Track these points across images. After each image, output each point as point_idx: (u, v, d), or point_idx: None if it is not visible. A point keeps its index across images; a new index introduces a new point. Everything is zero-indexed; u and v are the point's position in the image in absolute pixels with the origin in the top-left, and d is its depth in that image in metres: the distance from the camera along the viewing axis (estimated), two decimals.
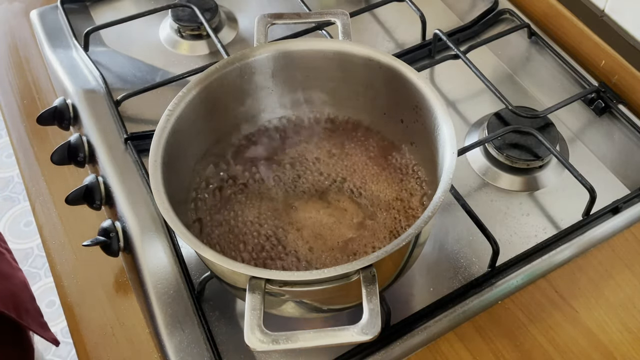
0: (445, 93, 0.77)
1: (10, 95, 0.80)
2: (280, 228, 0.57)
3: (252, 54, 0.58)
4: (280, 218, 0.58)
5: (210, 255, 0.45)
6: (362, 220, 0.58)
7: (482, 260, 0.62)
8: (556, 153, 0.66)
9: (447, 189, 0.48)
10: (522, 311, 0.59)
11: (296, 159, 0.62)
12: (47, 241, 0.67)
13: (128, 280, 0.63)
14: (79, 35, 0.81)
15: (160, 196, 0.48)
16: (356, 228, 0.57)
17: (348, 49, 0.58)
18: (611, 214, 0.64)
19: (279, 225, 0.58)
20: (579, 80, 0.75)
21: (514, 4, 0.83)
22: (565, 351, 0.56)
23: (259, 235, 0.57)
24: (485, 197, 0.67)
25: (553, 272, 0.61)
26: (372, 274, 0.44)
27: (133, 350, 0.58)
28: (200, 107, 0.56)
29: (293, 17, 0.61)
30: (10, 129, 0.77)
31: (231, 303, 0.60)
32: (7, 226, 1.75)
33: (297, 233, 0.57)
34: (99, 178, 0.66)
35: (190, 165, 0.58)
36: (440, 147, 0.52)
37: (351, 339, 0.42)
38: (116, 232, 0.62)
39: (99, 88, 0.75)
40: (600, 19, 0.76)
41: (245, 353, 0.57)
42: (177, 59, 0.82)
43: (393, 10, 0.85)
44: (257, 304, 0.43)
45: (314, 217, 0.58)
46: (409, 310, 0.58)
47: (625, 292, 0.60)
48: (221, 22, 0.85)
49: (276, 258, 0.55)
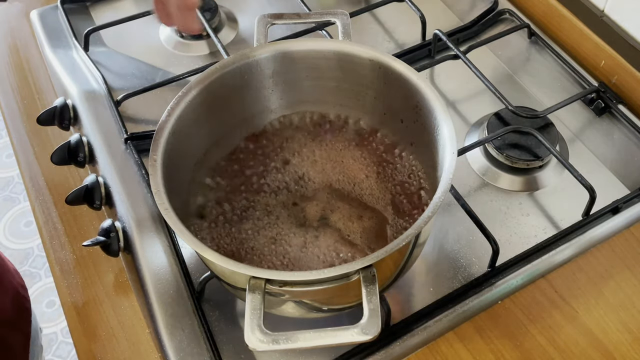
0: (445, 93, 0.77)
1: (11, 95, 0.80)
2: (281, 228, 0.57)
3: (252, 54, 0.58)
4: (281, 218, 0.58)
5: (210, 255, 0.45)
6: (361, 219, 0.58)
7: (482, 260, 0.62)
8: (556, 153, 0.66)
9: (447, 189, 0.48)
10: (522, 311, 0.59)
11: (296, 159, 0.62)
12: (47, 241, 0.67)
13: (128, 280, 0.63)
14: (79, 36, 0.81)
15: (160, 196, 0.48)
16: (356, 227, 0.57)
17: (348, 49, 0.58)
18: (611, 214, 0.64)
19: (279, 225, 0.58)
20: (579, 80, 0.75)
21: (514, 4, 0.83)
22: (565, 351, 0.56)
23: (259, 235, 0.57)
24: (485, 197, 0.67)
25: (553, 272, 0.61)
26: (372, 274, 0.44)
27: (133, 350, 0.58)
28: (200, 107, 0.56)
29: (293, 17, 0.61)
30: (10, 129, 0.77)
31: (231, 303, 0.60)
32: (7, 226, 1.75)
33: (298, 233, 0.57)
34: (99, 178, 0.66)
35: (190, 165, 0.58)
36: (440, 147, 0.52)
37: (351, 339, 0.42)
38: (116, 232, 0.62)
39: (99, 88, 0.75)
40: (600, 19, 0.76)
41: (245, 353, 0.57)
42: (177, 59, 0.82)
43: (393, 10, 0.85)
44: (257, 304, 0.43)
45: (314, 217, 0.58)
46: (409, 310, 0.58)
47: (625, 292, 0.60)
48: (221, 22, 0.85)
49: (273, 255, 0.56)
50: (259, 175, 0.61)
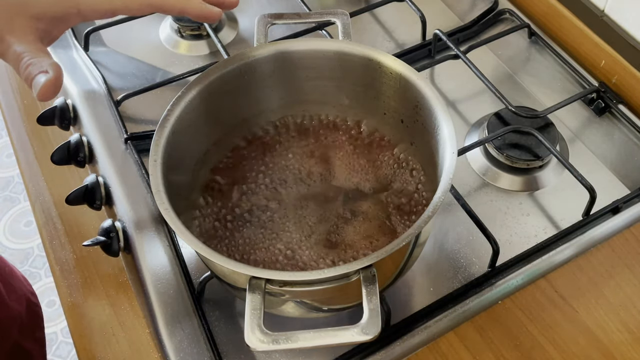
0: (445, 93, 0.77)
1: (11, 95, 0.80)
2: (281, 228, 0.57)
3: (252, 54, 0.58)
4: (281, 218, 0.58)
5: (210, 255, 0.45)
6: (361, 219, 0.58)
7: (482, 260, 0.62)
8: (556, 153, 0.66)
9: (447, 189, 0.48)
10: (522, 311, 0.59)
11: (296, 159, 0.62)
12: (47, 241, 0.67)
13: (128, 280, 0.63)
14: (79, 36, 0.81)
15: (160, 196, 0.48)
16: (355, 227, 0.57)
17: (348, 49, 0.58)
18: (611, 214, 0.64)
19: (279, 225, 0.58)
20: (579, 80, 0.75)
21: (514, 4, 0.83)
22: (565, 351, 0.56)
23: (259, 235, 0.57)
24: (485, 197, 0.67)
25: (553, 272, 0.61)
26: (372, 274, 0.44)
27: (133, 350, 0.58)
28: (200, 107, 0.56)
29: (293, 17, 0.61)
30: (10, 129, 0.77)
31: (231, 303, 0.60)
32: (7, 226, 1.75)
33: (298, 233, 0.57)
34: (99, 178, 0.66)
35: (190, 165, 0.58)
36: (440, 147, 0.52)
37: (351, 339, 0.42)
38: (116, 232, 0.62)
39: (99, 88, 0.75)
40: (600, 19, 0.76)
41: (245, 353, 0.57)
42: (177, 59, 0.82)
43: (393, 10, 0.85)
44: (257, 304, 0.43)
45: (315, 216, 0.58)
46: (409, 310, 0.58)
47: (625, 292, 0.60)
48: (221, 22, 0.85)
49: (273, 254, 0.55)
50: (258, 176, 0.61)
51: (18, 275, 0.86)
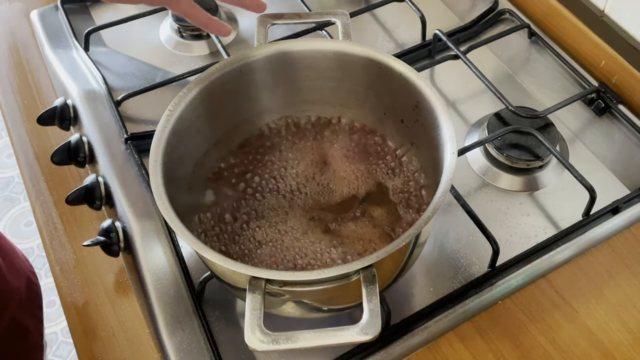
0: (445, 93, 0.77)
1: (11, 95, 0.80)
2: (281, 228, 0.57)
3: (252, 54, 0.58)
4: (281, 218, 0.58)
5: (210, 255, 0.45)
6: (361, 219, 0.58)
7: (482, 260, 0.62)
8: (556, 153, 0.66)
9: (447, 189, 0.48)
10: (522, 311, 0.59)
11: (296, 159, 0.62)
12: (47, 241, 0.67)
13: (128, 280, 0.63)
14: (79, 36, 0.81)
15: (160, 196, 0.48)
16: (355, 227, 0.57)
17: (348, 49, 0.58)
18: (611, 214, 0.64)
19: (279, 225, 0.58)
20: (579, 80, 0.75)
21: (514, 4, 0.83)
22: (565, 351, 0.56)
23: (259, 235, 0.57)
24: (485, 197, 0.67)
25: (553, 272, 0.61)
26: (372, 274, 0.44)
27: (133, 350, 0.58)
28: (200, 107, 0.56)
29: (293, 17, 0.61)
30: (10, 129, 0.77)
31: (231, 303, 0.60)
32: (7, 226, 1.75)
33: (298, 233, 0.57)
34: (99, 178, 0.66)
35: (191, 165, 0.58)
36: (440, 147, 0.52)
37: (351, 339, 0.42)
38: (116, 232, 0.62)
39: (99, 88, 0.75)
40: (600, 19, 0.76)
41: (245, 353, 0.57)
42: (177, 59, 0.82)
43: (393, 11, 0.85)
44: (257, 304, 0.43)
45: (314, 216, 0.58)
46: (409, 310, 0.58)
47: (625, 292, 0.60)
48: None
49: (273, 254, 0.55)
50: (258, 176, 0.61)
51: (19, 254, 0.87)
